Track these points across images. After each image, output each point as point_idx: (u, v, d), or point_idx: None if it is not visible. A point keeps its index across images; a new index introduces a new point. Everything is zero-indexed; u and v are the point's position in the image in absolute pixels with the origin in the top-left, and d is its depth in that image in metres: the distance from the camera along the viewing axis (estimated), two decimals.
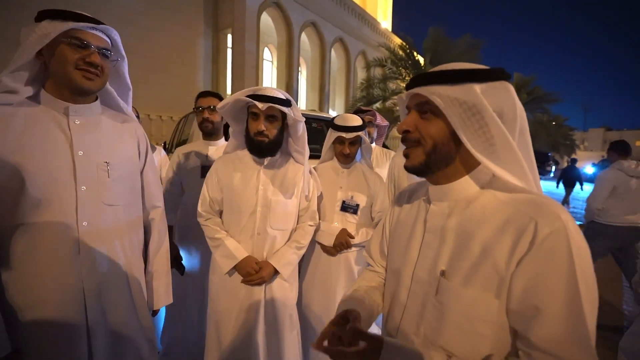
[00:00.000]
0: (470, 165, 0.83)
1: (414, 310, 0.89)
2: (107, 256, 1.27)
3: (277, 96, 1.62)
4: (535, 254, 0.69)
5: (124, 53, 1.36)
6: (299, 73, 18.45)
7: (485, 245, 0.75)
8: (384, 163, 2.86)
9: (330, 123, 2.10)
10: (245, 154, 1.78)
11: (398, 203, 1.09)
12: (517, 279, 0.70)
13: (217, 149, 2.36)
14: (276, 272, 1.71)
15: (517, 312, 0.71)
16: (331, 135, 2.09)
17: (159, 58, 13.01)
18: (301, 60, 18.80)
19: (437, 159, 0.82)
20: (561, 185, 12.15)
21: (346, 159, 2.09)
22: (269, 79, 18.48)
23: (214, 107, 2.24)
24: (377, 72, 17.31)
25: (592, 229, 3.50)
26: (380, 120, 2.96)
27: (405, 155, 0.87)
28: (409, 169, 0.87)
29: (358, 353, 0.75)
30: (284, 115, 1.67)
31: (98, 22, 1.22)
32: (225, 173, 1.75)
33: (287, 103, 1.64)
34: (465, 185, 0.84)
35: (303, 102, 19.47)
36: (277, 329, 1.75)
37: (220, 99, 2.32)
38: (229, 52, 14.91)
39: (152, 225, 1.53)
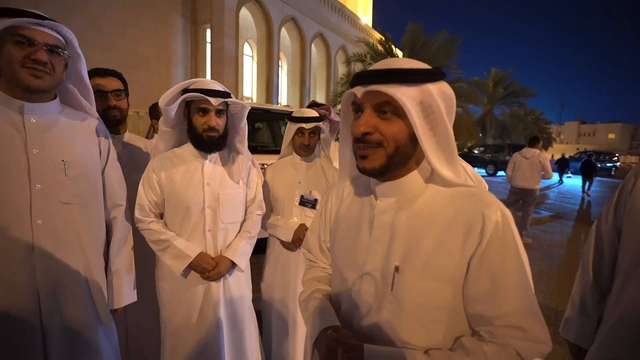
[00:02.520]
0: (419, 161, 0.86)
1: (367, 309, 0.88)
2: (63, 255, 1.26)
3: (223, 90, 1.60)
4: (490, 241, 0.75)
5: (79, 52, 1.33)
6: (280, 68, 18.31)
7: (438, 237, 0.79)
8: (336, 158, 2.82)
9: (289, 117, 2.11)
10: (183, 151, 1.71)
11: (334, 198, 1.06)
12: (475, 266, 0.76)
13: (124, 143, 1.96)
14: (233, 265, 1.71)
15: (478, 297, 0.77)
16: (290, 128, 2.10)
17: (136, 54, 12.71)
18: (281, 55, 18.67)
19: (398, 160, 0.81)
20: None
21: (307, 151, 2.11)
22: (249, 74, 18.31)
23: (120, 90, 1.87)
24: (358, 67, 17.37)
25: (510, 189, 6.26)
26: (333, 115, 2.96)
27: (363, 157, 0.82)
28: (367, 170, 0.83)
29: None
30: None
31: (43, 18, 1.18)
32: (165, 172, 1.65)
33: (230, 95, 1.63)
34: (414, 179, 0.86)
35: (284, 97, 19.37)
36: (238, 324, 1.75)
37: (123, 79, 1.93)
38: (208, 47, 14.70)
39: (114, 223, 1.53)
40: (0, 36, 1.12)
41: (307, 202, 2.09)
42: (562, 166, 17.15)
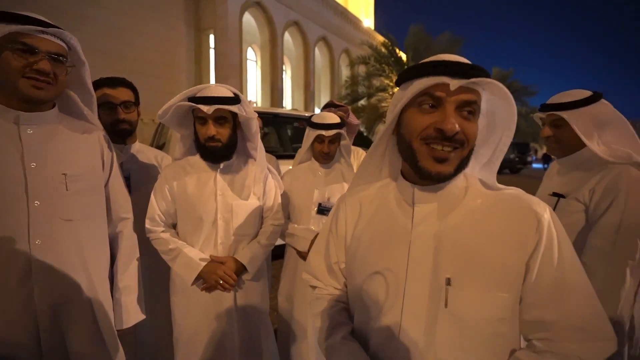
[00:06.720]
0: None
1: (417, 331, 0.76)
2: (65, 277, 1.17)
3: (224, 95, 1.47)
4: (547, 240, 0.72)
5: (83, 58, 1.25)
6: (284, 72, 18.33)
7: (491, 243, 0.74)
8: (352, 162, 2.64)
9: (308, 122, 2.03)
10: (197, 159, 1.63)
11: (349, 212, 0.95)
12: (533, 268, 0.72)
13: (132, 155, 1.85)
14: (244, 272, 1.60)
15: (537, 301, 0.73)
16: (310, 134, 2.02)
17: (141, 60, 12.75)
18: (285, 59, 18.68)
19: (466, 163, 0.76)
20: None
21: (326, 158, 2.04)
22: (254, 79, 18.33)
23: (130, 102, 1.75)
24: (361, 69, 17.36)
25: None
26: (352, 118, 2.79)
27: (441, 160, 0.72)
28: (442, 175, 0.74)
29: None
30: (234, 113, 1.52)
31: (48, 25, 1.10)
32: (177, 181, 1.59)
33: (235, 100, 1.49)
34: (459, 182, 0.81)
35: (289, 101, 19.38)
36: (253, 340, 1.67)
37: (134, 89, 1.82)
38: (212, 52, 14.72)
39: (120, 238, 1.43)
40: None
41: (325, 210, 2.01)
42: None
